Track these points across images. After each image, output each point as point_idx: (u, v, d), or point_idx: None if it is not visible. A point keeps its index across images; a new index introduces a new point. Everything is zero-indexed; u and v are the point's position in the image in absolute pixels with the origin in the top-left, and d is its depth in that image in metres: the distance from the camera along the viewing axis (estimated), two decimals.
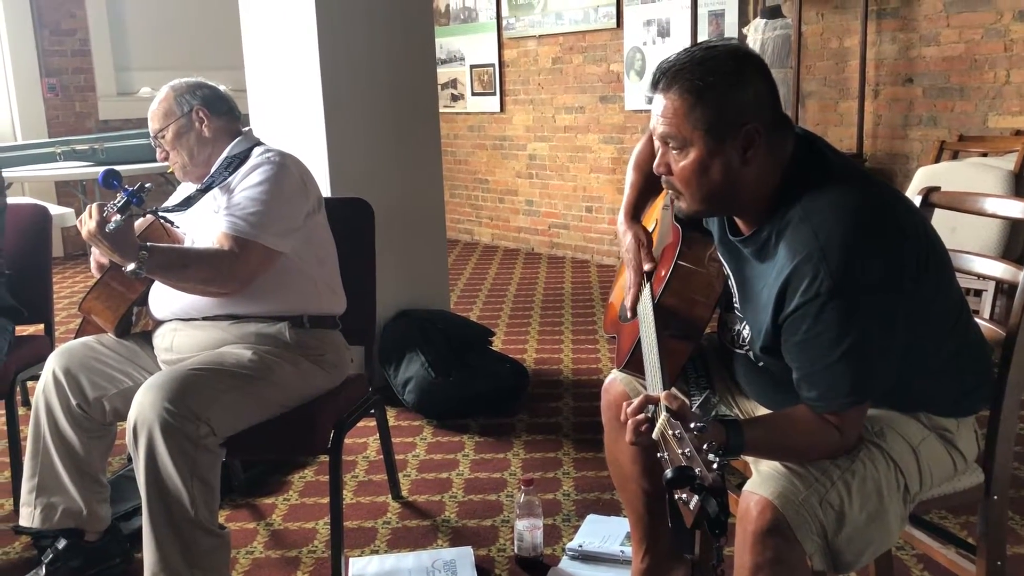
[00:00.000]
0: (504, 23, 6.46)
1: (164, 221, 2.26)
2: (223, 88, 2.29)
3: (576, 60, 6.04)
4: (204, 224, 2.17)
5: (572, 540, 2.37)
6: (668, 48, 5.26)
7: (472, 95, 6.85)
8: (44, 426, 2.13)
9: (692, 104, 1.39)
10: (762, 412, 1.65)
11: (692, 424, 1.20)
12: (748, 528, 1.36)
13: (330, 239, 2.31)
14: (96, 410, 2.14)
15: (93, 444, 2.16)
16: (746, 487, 1.41)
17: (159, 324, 2.22)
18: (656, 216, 1.90)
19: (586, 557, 2.29)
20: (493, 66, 6.62)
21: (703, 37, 4.97)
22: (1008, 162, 3.50)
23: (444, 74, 6.89)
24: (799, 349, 1.39)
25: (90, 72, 7.03)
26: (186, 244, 2.23)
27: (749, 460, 1.58)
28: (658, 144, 1.46)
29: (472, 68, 6.80)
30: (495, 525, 2.51)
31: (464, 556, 2.31)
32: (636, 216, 1.85)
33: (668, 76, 1.42)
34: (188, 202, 2.18)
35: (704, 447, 1.16)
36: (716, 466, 1.13)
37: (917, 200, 1.79)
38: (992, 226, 3.29)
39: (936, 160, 4.08)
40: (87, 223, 1.89)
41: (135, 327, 2.30)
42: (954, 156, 4.09)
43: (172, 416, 1.84)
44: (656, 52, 5.43)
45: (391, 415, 3.25)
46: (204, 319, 2.15)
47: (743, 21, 4.89)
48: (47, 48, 6.83)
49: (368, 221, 2.48)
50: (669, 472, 1.15)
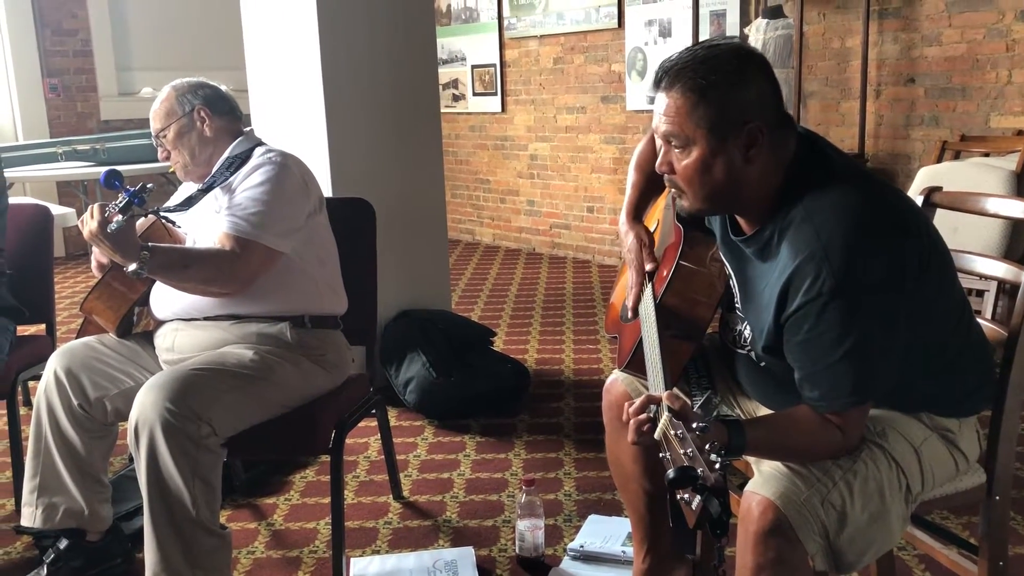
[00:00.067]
0: (505, 23, 6.46)
1: (165, 221, 2.26)
2: (225, 88, 2.29)
3: (577, 60, 6.04)
4: (205, 224, 2.17)
5: (573, 540, 2.37)
6: (669, 48, 5.25)
7: (473, 95, 6.85)
8: (45, 426, 2.13)
9: (695, 103, 1.38)
10: (764, 412, 1.65)
11: (694, 424, 1.20)
12: (750, 528, 1.36)
13: (331, 239, 2.31)
14: (97, 410, 2.13)
15: (94, 444, 2.16)
16: (748, 487, 1.41)
17: (160, 324, 2.22)
18: (658, 216, 1.90)
19: (587, 557, 2.29)
20: (494, 66, 6.62)
21: (704, 37, 4.97)
22: (1010, 162, 3.49)
23: (445, 74, 6.89)
24: (801, 349, 1.39)
25: (92, 72, 7.04)
26: (187, 244, 2.23)
27: (751, 460, 1.58)
28: (660, 143, 1.46)
29: (473, 68, 6.80)
30: (496, 525, 2.51)
31: (465, 556, 2.31)
32: (638, 216, 1.84)
33: (671, 75, 1.41)
34: (189, 202, 2.18)
35: (706, 447, 1.16)
36: (718, 466, 1.13)
37: (919, 200, 1.79)
38: (994, 226, 3.29)
39: (938, 160, 4.08)
40: (89, 223, 1.89)
41: (136, 327, 2.30)
42: (956, 156, 4.09)
43: (173, 416, 1.84)
44: (657, 52, 5.43)
45: (392, 415, 3.25)
46: (205, 319, 2.15)
47: (744, 21, 4.88)
48: (49, 48, 6.83)
49: (369, 221, 2.48)
50: (671, 472, 1.15)
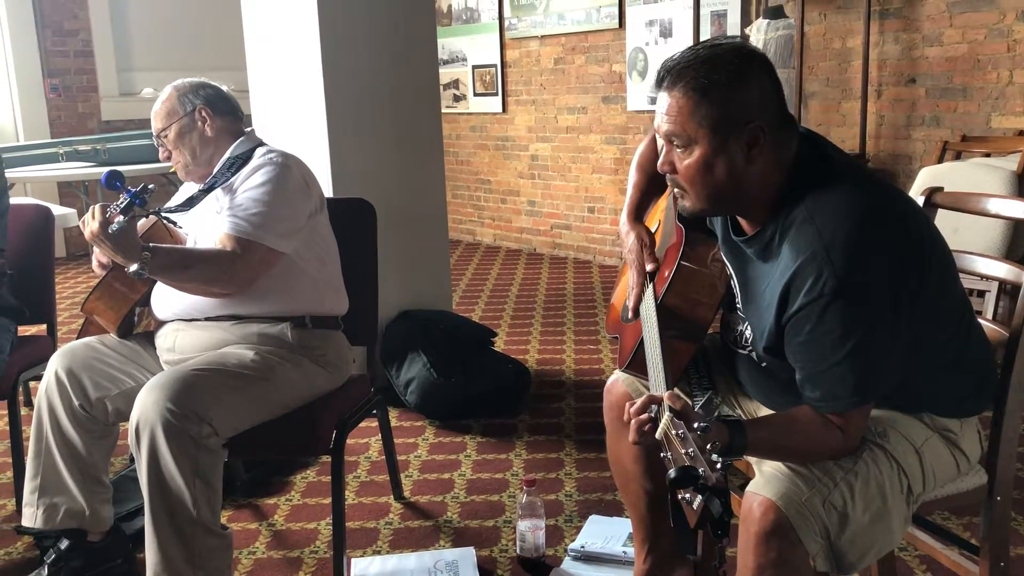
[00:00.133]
0: (506, 23, 6.46)
1: (167, 222, 2.26)
2: (226, 88, 2.29)
3: (578, 60, 6.04)
4: (206, 225, 2.17)
5: (574, 541, 2.37)
6: (670, 48, 5.25)
7: (474, 95, 6.85)
8: (46, 426, 2.13)
9: (697, 102, 1.38)
10: (765, 413, 1.65)
11: (695, 424, 1.20)
12: (751, 529, 1.36)
13: (332, 240, 2.31)
14: (98, 410, 2.13)
15: (95, 444, 2.16)
16: (749, 488, 1.40)
17: (161, 324, 2.22)
18: (659, 216, 1.90)
19: (588, 558, 2.29)
20: (495, 66, 6.62)
21: (705, 37, 4.97)
22: (1011, 162, 3.49)
23: (446, 74, 6.90)
24: (802, 349, 1.39)
25: (92, 73, 7.04)
26: (188, 244, 2.23)
27: (752, 461, 1.58)
28: (662, 142, 1.46)
29: (474, 68, 6.80)
30: (497, 526, 2.51)
31: (466, 557, 2.31)
32: (639, 216, 1.84)
33: (673, 74, 1.41)
34: (191, 202, 2.18)
35: (707, 447, 1.16)
36: (719, 466, 1.13)
37: (920, 200, 1.79)
38: (995, 227, 3.29)
39: (939, 160, 4.08)
40: (90, 224, 1.89)
41: (137, 327, 2.30)
42: (957, 156, 4.09)
43: (174, 416, 1.84)
44: (658, 52, 5.43)
45: (393, 415, 3.25)
46: (206, 319, 2.15)
47: (746, 21, 4.88)
48: (50, 49, 6.84)
49: (370, 221, 2.48)
50: (673, 472, 1.15)
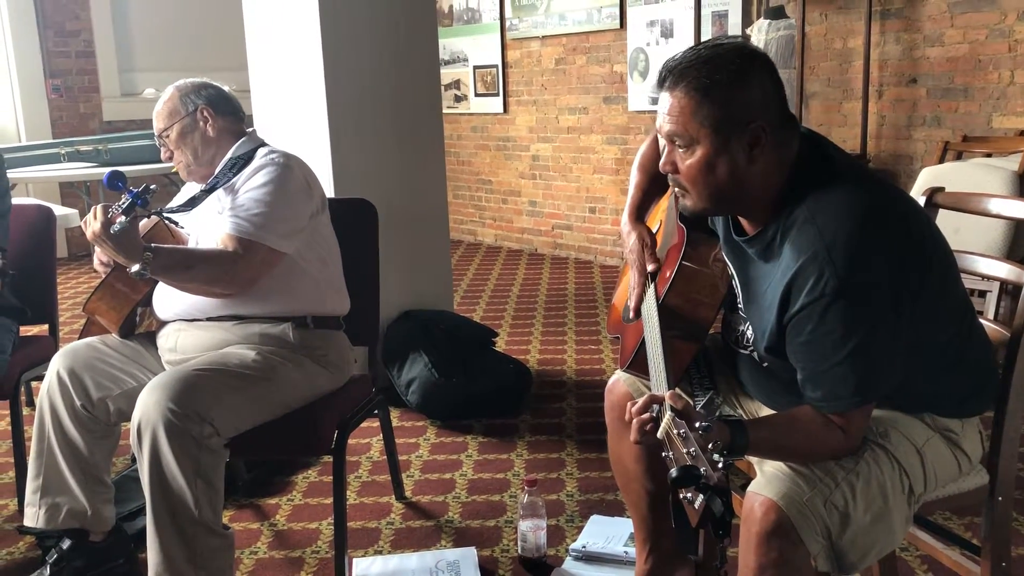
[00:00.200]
0: (507, 24, 6.46)
1: (168, 222, 2.26)
2: (228, 89, 2.29)
3: (579, 61, 6.04)
4: (208, 225, 2.17)
5: (576, 541, 2.37)
6: (671, 49, 5.25)
7: (475, 96, 6.85)
8: (48, 426, 2.13)
9: (699, 102, 1.38)
10: (766, 413, 1.65)
11: (697, 423, 1.20)
12: (752, 529, 1.36)
13: (334, 240, 2.31)
14: (100, 410, 2.14)
15: (97, 444, 2.16)
16: (750, 488, 1.40)
17: (163, 325, 2.23)
18: (660, 217, 1.90)
19: (590, 558, 2.29)
20: (496, 67, 6.62)
21: (706, 38, 4.97)
22: (1012, 162, 3.49)
23: (447, 75, 6.89)
24: (804, 349, 1.39)
25: (94, 73, 7.04)
26: (190, 245, 2.24)
27: (753, 461, 1.58)
28: (664, 142, 1.46)
29: (475, 69, 6.80)
30: (499, 526, 2.51)
31: (468, 557, 2.31)
32: (640, 216, 1.85)
33: (674, 74, 1.41)
34: (192, 203, 2.19)
35: (709, 447, 1.16)
36: (721, 466, 1.13)
37: (921, 201, 1.79)
38: (996, 227, 3.28)
39: (940, 161, 4.08)
40: (92, 224, 1.89)
41: (139, 328, 2.30)
42: (958, 157, 4.09)
43: (176, 416, 1.84)
44: (659, 53, 5.43)
45: (394, 416, 3.25)
46: (208, 320, 2.15)
47: (747, 22, 4.88)
48: (51, 49, 6.84)
49: (372, 222, 2.48)
50: (674, 471, 1.15)
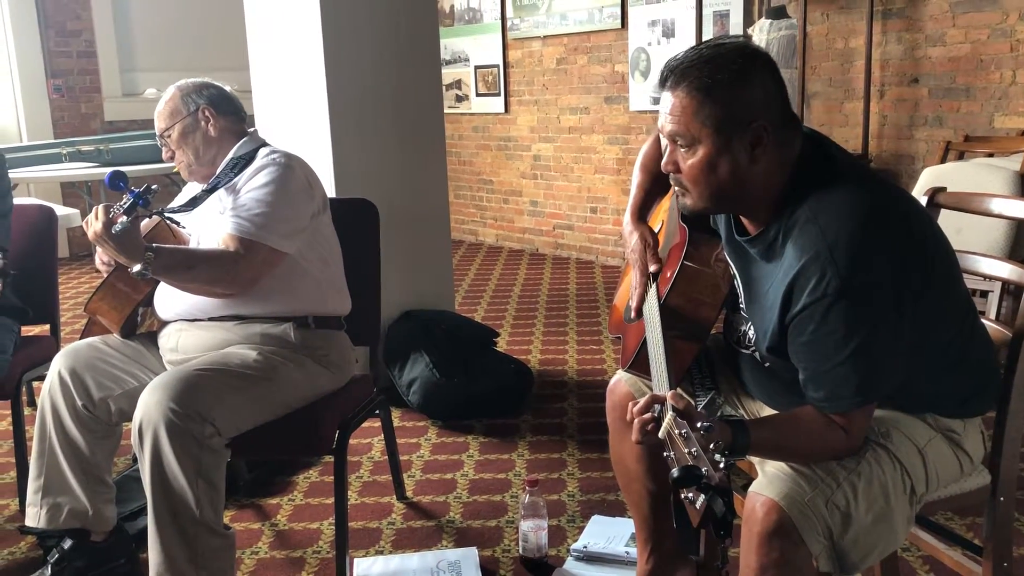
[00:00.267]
0: (509, 24, 6.46)
1: (170, 222, 2.26)
2: (230, 88, 2.29)
3: (581, 61, 6.04)
4: (210, 225, 2.17)
5: (577, 541, 2.37)
6: (673, 49, 5.25)
7: (477, 96, 6.85)
8: (50, 426, 2.14)
9: (700, 102, 1.38)
10: (768, 413, 1.65)
11: (698, 423, 1.20)
12: (754, 529, 1.36)
13: (335, 240, 2.32)
14: (102, 410, 2.14)
15: (99, 444, 2.16)
16: (752, 488, 1.40)
17: (164, 324, 2.23)
18: (662, 217, 1.90)
19: (591, 558, 2.29)
20: (498, 67, 6.62)
21: (708, 38, 4.96)
22: (1014, 162, 3.49)
23: (449, 75, 6.89)
24: (806, 349, 1.39)
25: (95, 73, 7.05)
26: (191, 245, 2.24)
27: (755, 461, 1.58)
28: (666, 142, 1.46)
29: (477, 69, 6.80)
30: (500, 526, 2.51)
31: (469, 557, 2.31)
32: (642, 216, 1.84)
33: (676, 74, 1.41)
34: (194, 203, 2.19)
35: (710, 446, 1.16)
36: (722, 466, 1.13)
37: (923, 201, 1.78)
38: (998, 227, 3.28)
39: (942, 161, 4.07)
40: (93, 224, 1.89)
41: (140, 328, 2.30)
42: (960, 157, 4.09)
43: (177, 416, 1.84)
44: (661, 53, 5.43)
45: (396, 416, 3.25)
46: (209, 320, 2.15)
47: (748, 21, 4.88)
48: (53, 49, 6.84)
49: (373, 222, 2.48)
50: (676, 471, 1.15)
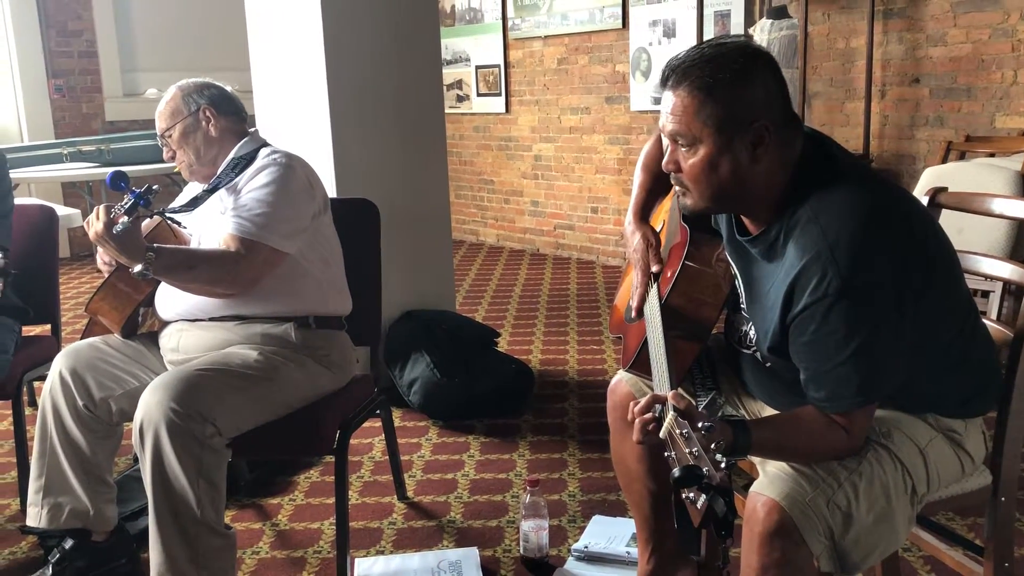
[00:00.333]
0: (510, 24, 6.46)
1: (171, 222, 2.26)
2: (230, 89, 2.29)
3: (582, 61, 6.04)
4: (211, 225, 2.17)
5: (578, 541, 2.37)
6: (674, 49, 5.25)
7: (477, 96, 6.85)
8: (51, 426, 2.14)
9: (702, 101, 1.38)
10: (769, 413, 1.65)
11: (699, 423, 1.20)
12: (755, 529, 1.36)
13: (336, 240, 2.32)
14: (102, 410, 2.14)
15: (100, 444, 2.16)
16: (753, 488, 1.40)
17: (165, 325, 2.23)
18: (663, 216, 1.90)
19: (592, 558, 2.29)
20: (499, 67, 6.62)
21: (709, 37, 4.96)
22: (1015, 162, 3.48)
23: (450, 75, 6.89)
24: (807, 349, 1.39)
25: (96, 73, 7.05)
26: (192, 245, 2.24)
27: (756, 461, 1.58)
28: (667, 142, 1.46)
29: (478, 69, 6.80)
30: (500, 526, 2.51)
31: (469, 557, 2.31)
32: (644, 216, 1.84)
33: (678, 73, 1.41)
34: (195, 203, 2.19)
35: (711, 447, 1.16)
36: (723, 465, 1.12)
37: (924, 201, 1.78)
38: (999, 227, 3.28)
39: (943, 161, 4.07)
40: (94, 224, 1.89)
41: (141, 328, 2.30)
42: (961, 157, 4.08)
43: (178, 416, 1.84)
44: (662, 53, 5.43)
45: (396, 416, 3.25)
46: (210, 320, 2.15)
47: (749, 21, 4.88)
48: (54, 49, 6.85)
49: (374, 222, 2.48)
50: (677, 471, 1.15)
